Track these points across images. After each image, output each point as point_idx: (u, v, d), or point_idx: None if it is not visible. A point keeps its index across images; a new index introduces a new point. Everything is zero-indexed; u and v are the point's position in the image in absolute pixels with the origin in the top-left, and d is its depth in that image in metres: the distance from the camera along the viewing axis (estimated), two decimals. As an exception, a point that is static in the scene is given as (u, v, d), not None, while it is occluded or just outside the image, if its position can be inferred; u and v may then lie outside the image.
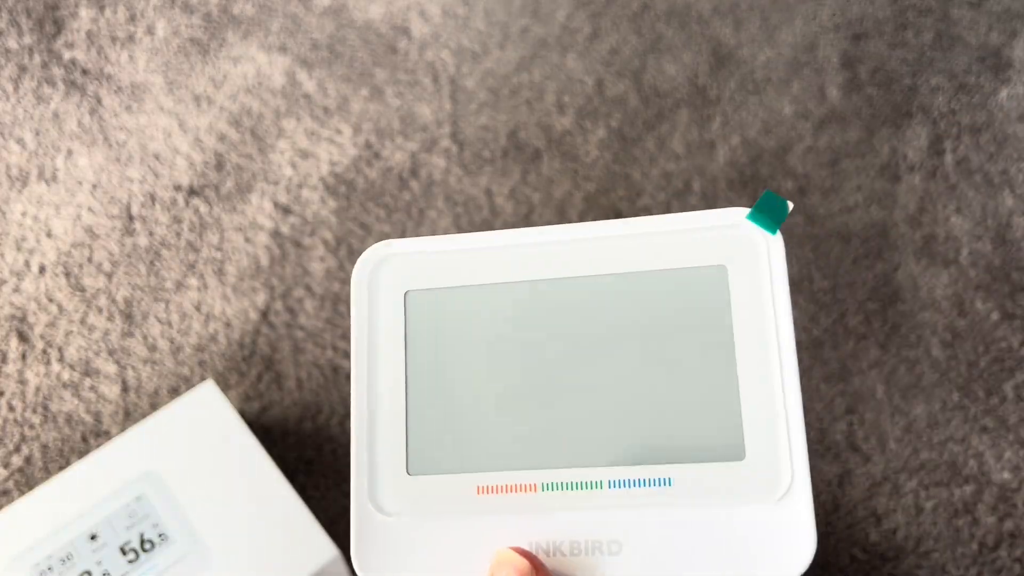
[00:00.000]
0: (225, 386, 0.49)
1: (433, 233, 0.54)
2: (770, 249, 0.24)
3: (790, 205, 0.23)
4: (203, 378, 0.49)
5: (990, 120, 0.56)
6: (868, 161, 0.55)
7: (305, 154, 0.56)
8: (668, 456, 0.23)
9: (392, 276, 0.25)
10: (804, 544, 0.22)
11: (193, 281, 0.52)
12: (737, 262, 0.24)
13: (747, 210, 0.24)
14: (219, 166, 0.56)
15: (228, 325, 0.51)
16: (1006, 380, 0.49)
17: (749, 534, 0.22)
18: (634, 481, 0.23)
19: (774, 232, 0.24)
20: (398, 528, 0.23)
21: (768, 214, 0.24)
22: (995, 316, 0.51)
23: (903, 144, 0.56)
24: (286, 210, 0.54)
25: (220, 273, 0.52)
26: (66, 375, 0.50)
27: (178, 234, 0.54)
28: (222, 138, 0.57)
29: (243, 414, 0.49)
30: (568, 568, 0.22)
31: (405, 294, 0.25)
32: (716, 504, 0.22)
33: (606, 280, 0.24)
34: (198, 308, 0.51)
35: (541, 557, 0.22)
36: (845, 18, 0.60)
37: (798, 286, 0.51)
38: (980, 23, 0.59)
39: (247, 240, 0.53)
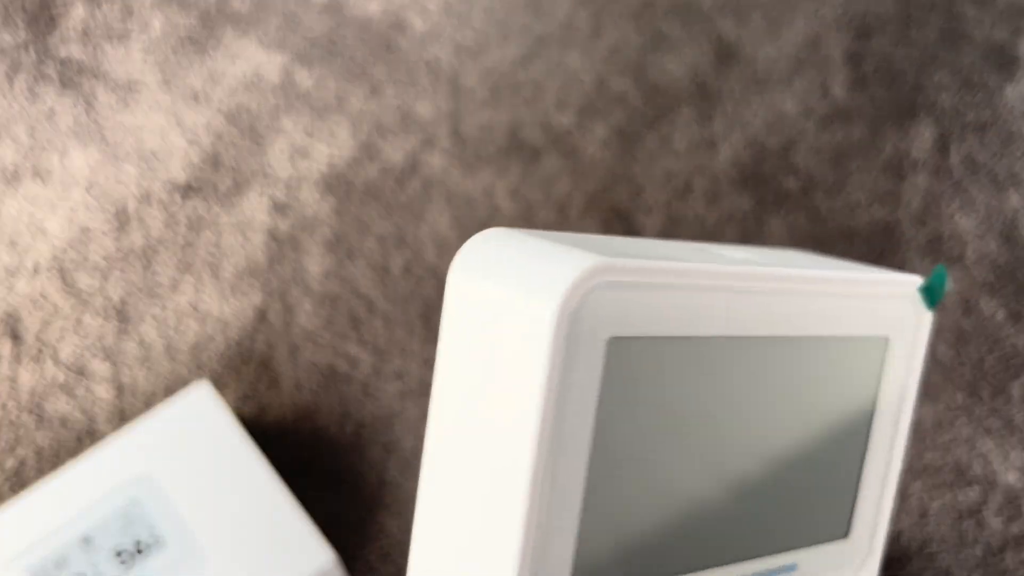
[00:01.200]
0: (221, 387, 0.49)
1: (433, 233, 0.53)
2: (922, 325, 0.22)
3: (951, 284, 0.23)
4: (199, 379, 0.49)
5: (996, 118, 0.56)
6: (872, 159, 0.55)
7: (303, 152, 0.56)
8: (796, 541, 0.22)
9: (596, 312, 0.17)
10: None
11: (189, 281, 0.52)
12: (898, 335, 0.22)
13: (918, 280, 0.22)
14: (216, 164, 0.55)
15: (225, 325, 0.50)
16: (1012, 380, 0.49)
17: None
18: (770, 571, 0.21)
19: (932, 309, 0.22)
20: None
21: (935, 289, 0.22)
22: (1001, 316, 0.50)
23: (907, 142, 0.55)
24: (284, 209, 0.54)
25: (217, 272, 0.52)
26: (60, 376, 0.49)
27: (174, 233, 0.53)
28: (219, 136, 0.56)
29: (240, 415, 0.48)
30: None
31: (609, 341, 0.17)
32: None
33: (787, 343, 0.20)
34: (194, 308, 0.51)
35: None
36: (849, 15, 0.60)
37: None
38: (985, 20, 0.59)
39: (244, 239, 0.53)
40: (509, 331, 0.17)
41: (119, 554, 0.39)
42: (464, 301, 0.17)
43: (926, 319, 0.22)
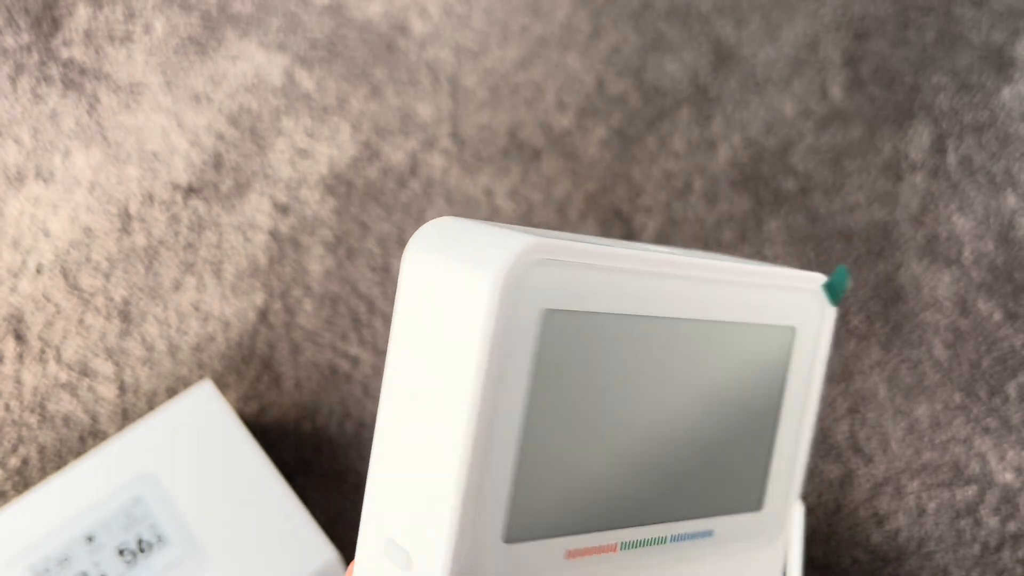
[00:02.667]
0: (223, 386, 0.49)
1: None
2: (825, 318, 0.25)
3: (851, 283, 0.25)
4: (201, 378, 0.49)
5: (993, 119, 0.56)
6: (870, 160, 0.55)
7: (304, 153, 0.56)
8: (713, 509, 0.23)
9: (534, 285, 0.19)
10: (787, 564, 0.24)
11: (191, 281, 0.52)
12: (804, 325, 0.24)
13: (823, 278, 0.25)
14: (217, 165, 0.56)
15: (226, 325, 0.51)
16: (1009, 380, 0.49)
17: (760, 570, 0.25)
18: (688, 535, 0.23)
19: (835, 305, 0.25)
20: None
21: (837, 287, 0.25)
22: (998, 316, 0.50)
23: (905, 143, 0.55)
24: (285, 209, 0.54)
25: (218, 273, 0.52)
26: (63, 375, 0.49)
27: (176, 233, 0.54)
28: (220, 137, 0.56)
29: (241, 415, 0.48)
30: None
31: (543, 312, 0.19)
32: (742, 551, 0.24)
33: (704, 326, 0.22)
34: (196, 308, 0.51)
35: None
36: (847, 16, 0.60)
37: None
38: (982, 21, 0.59)
39: (246, 239, 0.53)
40: (453, 304, 0.18)
41: (122, 552, 0.39)
42: (413, 281, 0.19)
43: (830, 313, 0.25)
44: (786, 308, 0.24)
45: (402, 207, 0.54)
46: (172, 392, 0.49)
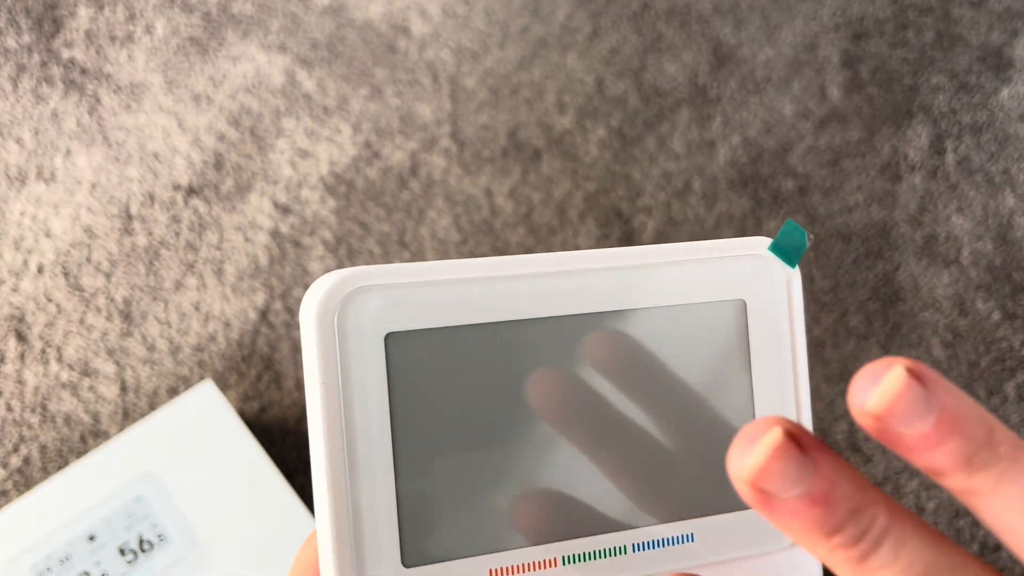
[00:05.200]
0: (224, 386, 0.49)
1: (434, 233, 0.54)
2: (790, 284, 0.22)
3: (811, 237, 0.22)
4: (202, 378, 0.49)
5: (991, 119, 0.56)
6: (869, 161, 0.55)
7: (304, 153, 0.56)
8: (689, 510, 0.21)
9: (367, 314, 0.19)
10: None
11: (192, 281, 0.52)
12: (757, 296, 0.22)
13: (768, 240, 0.22)
14: (218, 165, 0.56)
15: (227, 325, 0.51)
16: (1007, 380, 0.49)
17: None
18: (657, 542, 0.21)
19: (794, 266, 0.22)
20: None
21: (789, 246, 0.22)
22: (996, 316, 0.50)
23: (904, 144, 0.56)
24: (285, 210, 0.54)
25: (219, 273, 0.52)
26: (64, 375, 0.50)
27: (177, 234, 0.54)
28: (221, 137, 0.57)
29: (242, 414, 0.48)
30: None
31: (386, 337, 0.19)
32: (737, 556, 0.21)
33: (616, 318, 0.21)
34: (197, 308, 0.51)
35: None
36: (846, 17, 0.60)
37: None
38: (981, 22, 0.59)
39: (246, 240, 0.53)
40: (304, 348, 0.19)
41: (123, 551, 0.39)
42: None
43: (794, 277, 0.22)
44: (729, 282, 0.22)
45: (402, 207, 0.54)
46: (173, 392, 0.49)
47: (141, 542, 0.40)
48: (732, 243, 0.22)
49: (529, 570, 0.20)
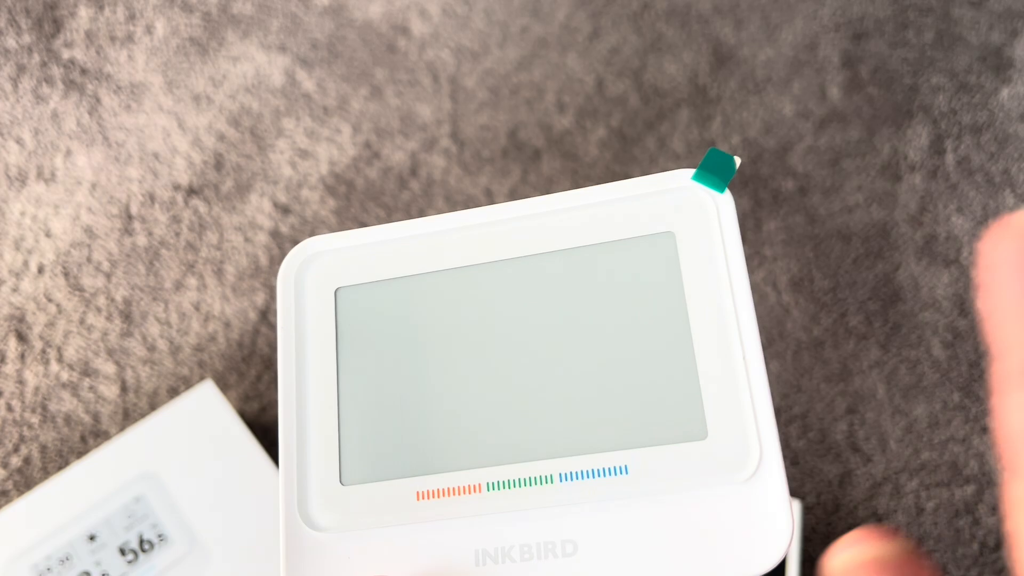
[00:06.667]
0: (224, 386, 0.49)
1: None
2: (720, 210, 0.22)
3: (738, 161, 0.22)
4: (202, 378, 0.49)
5: (991, 119, 0.56)
6: (869, 161, 0.55)
7: (304, 154, 0.56)
8: (623, 441, 0.20)
9: (321, 273, 0.23)
10: (780, 528, 0.19)
11: (192, 281, 0.52)
12: (686, 227, 0.22)
13: (692, 171, 0.22)
14: (218, 165, 0.56)
15: (227, 325, 0.51)
16: (1007, 380, 0.49)
17: (717, 521, 0.19)
18: (587, 472, 0.20)
19: (722, 191, 0.22)
20: (332, 544, 0.21)
21: (715, 172, 0.22)
22: (996, 316, 0.50)
23: (904, 144, 0.56)
24: (285, 210, 0.54)
25: (219, 273, 0.52)
26: (65, 375, 0.50)
27: (177, 234, 0.54)
28: (221, 137, 0.57)
29: (242, 414, 0.48)
30: None
31: (336, 291, 0.23)
32: (679, 490, 0.20)
33: (545, 259, 0.22)
34: (197, 308, 0.51)
35: (490, 567, 0.20)
36: (846, 17, 0.60)
37: (799, 286, 0.51)
38: (981, 22, 0.59)
39: (246, 240, 0.53)
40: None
41: (124, 551, 0.39)
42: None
43: (724, 203, 0.22)
44: (655, 215, 0.22)
45: (402, 207, 0.54)
46: (173, 392, 0.49)
47: (141, 542, 0.40)
48: (656, 178, 0.22)
49: (454, 494, 0.21)
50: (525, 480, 0.21)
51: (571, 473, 0.20)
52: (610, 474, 0.20)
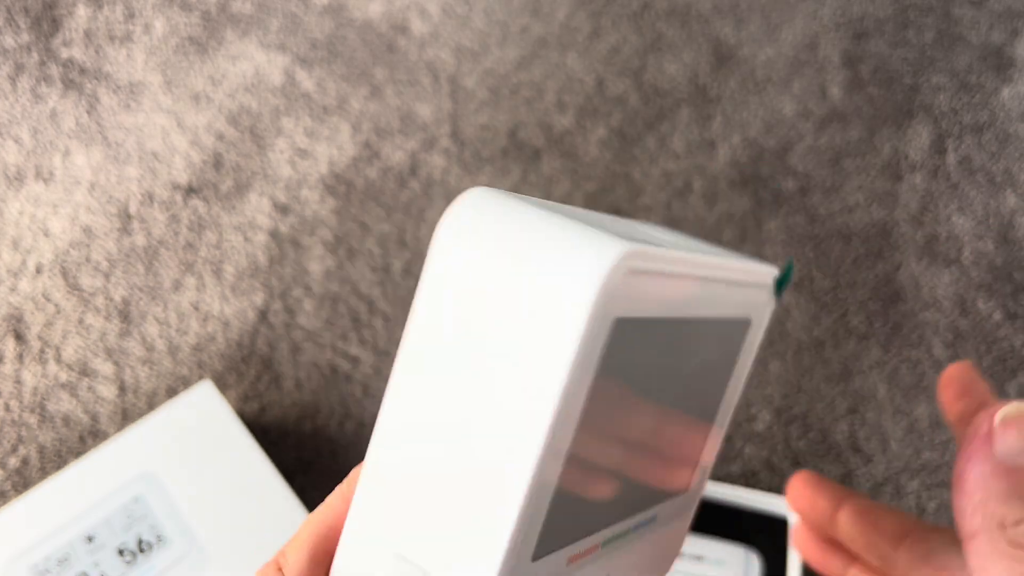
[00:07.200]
0: (223, 386, 0.49)
1: (433, 234, 0.53)
2: (768, 309, 0.25)
3: (795, 275, 0.25)
4: (201, 378, 0.49)
5: (992, 119, 0.56)
6: (869, 160, 0.55)
7: (304, 153, 0.56)
8: (656, 497, 0.24)
9: (618, 296, 0.16)
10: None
11: (191, 281, 0.52)
12: (754, 318, 0.25)
13: (775, 271, 0.25)
14: (217, 165, 0.56)
15: (226, 325, 0.51)
16: (1008, 380, 0.49)
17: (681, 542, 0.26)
18: (642, 523, 0.23)
19: (778, 297, 0.25)
20: None
21: (785, 281, 0.25)
22: (997, 316, 0.50)
23: (905, 143, 0.56)
24: (285, 209, 0.54)
25: (218, 273, 0.52)
26: (63, 375, 0.49)
27: (176, 233, 0.54)
28: (220, 137, 0.56)
29: (241, 414, 0.48)
30: None
31: (615, 321, 0.17)
32: (671, 526, 0.25)
33: (711, 324, 0.23)
34: (196, 308, 0.51)
35: None
36: (846, 17, 0.60)
37: (799, 286, 0.51)
38: (982, 22, 0.59)
39: (246, 239, 0.53)
40: (524, 309, 0.16)
41: (122, 552, 0.39)
42: (458, 271, 0.17)
43: (771, 305, 0.25)
44: (745, 301, 0.24)
45: (402, 207, 0.54)
46: (172, 392, 0.49)
47: (140, 543, 0.39)
48: (756, 268, 0.24)
49: (588, 554, 0.20)
50: (619, 535, 0.22)
51: (636, 525, 0.23)
52: (649, 523, 0.24)
